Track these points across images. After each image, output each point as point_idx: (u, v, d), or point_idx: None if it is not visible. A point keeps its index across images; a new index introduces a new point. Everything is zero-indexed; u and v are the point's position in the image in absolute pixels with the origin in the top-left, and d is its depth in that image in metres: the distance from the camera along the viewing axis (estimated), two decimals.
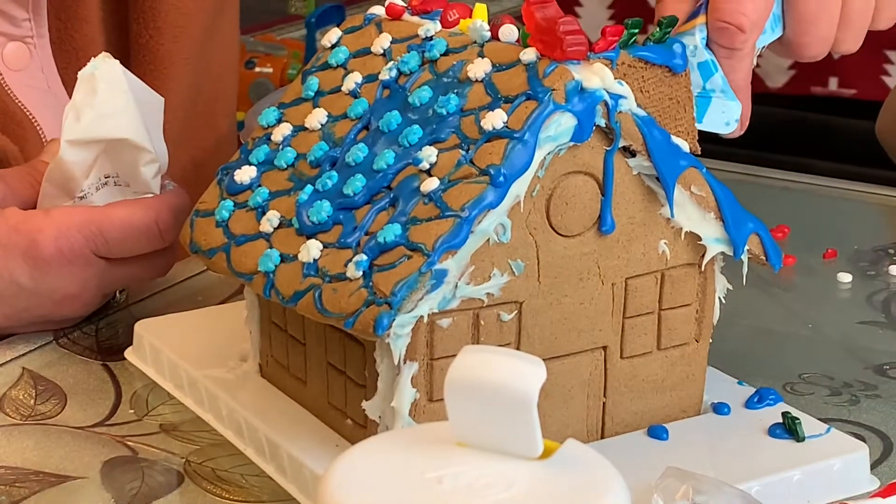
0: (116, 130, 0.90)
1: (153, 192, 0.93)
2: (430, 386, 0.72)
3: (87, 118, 0.90)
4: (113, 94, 0.90)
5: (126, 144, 0.90)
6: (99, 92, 0.90)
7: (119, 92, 0.90)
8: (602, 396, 0.77)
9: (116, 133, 0.90)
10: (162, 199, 0.92)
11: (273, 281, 0.74)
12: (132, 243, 0.91)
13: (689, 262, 0.78)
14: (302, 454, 0.75)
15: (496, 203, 0.69)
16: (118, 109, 0.90)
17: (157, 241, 0.91)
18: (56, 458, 0.80)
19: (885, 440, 0.82)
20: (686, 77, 0.78)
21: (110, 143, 0.90)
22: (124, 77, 0.91)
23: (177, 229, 0.91)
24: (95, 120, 0.90)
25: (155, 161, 0.92)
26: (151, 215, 0.91)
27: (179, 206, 0.92)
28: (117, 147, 0.91)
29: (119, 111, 0.90)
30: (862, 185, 1.29)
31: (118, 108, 0.90)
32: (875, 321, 0.99)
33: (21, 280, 0.89)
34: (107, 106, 0.90)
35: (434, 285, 0.69)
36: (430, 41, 0.78)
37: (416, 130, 0.74)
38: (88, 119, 0.90)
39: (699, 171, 0.75)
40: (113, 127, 0.90)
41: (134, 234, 0.90)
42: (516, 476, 0.53)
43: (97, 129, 0.90)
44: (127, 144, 0.90)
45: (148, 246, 0.91)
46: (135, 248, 0.91)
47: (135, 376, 0.88)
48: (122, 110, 0.90)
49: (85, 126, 0.90)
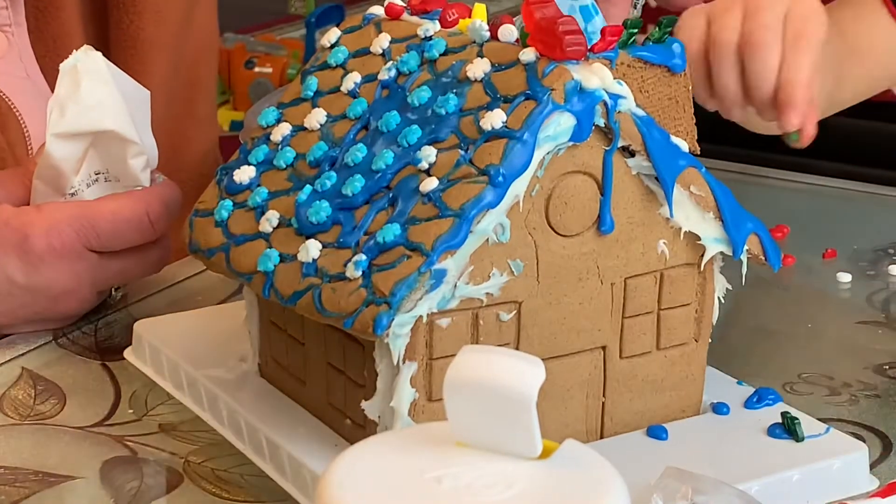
0: (101, 122, 0.90)
1: (143, 186, 0.93)
2: (429, 386, 0.72)
3: (71, 111, 0.89)
4: (96, 86, 0.90)
5: (112, 136, 0.90)
6: (82, 84, 0.89)
7: (102, 83, 0.90)
8: (601, 396, 0.77)
9: (102, 125, 0.90)
10: (151, 190, 0.92)
11: (272, 281, 0.74)
12: (123, 235, 0.91)
13: (689, 262, 0.78)
14: (301, 454, 0.75)
15: (495, 203, 0.69)
16: (102, 101, 0.90)
17: (149, 233, 0.91)
18: (55, 457, 0.80)
19: (884, 440, 0.82)
20: (685, 77, 0.78)
21: (97, 136, 0.90)
22: (107, 69, 0.91)
23: (168, 220, 0.92)
24: (80, 112, 0.89)
25: (143, 153, 0.92)
26: (142, 207, 0.91)
27: (169, 197, 0.92)
28: (104, 140, 0.91)
29: (103, 103, 0.90)
30: (862, 185, 1.29)
31: (102, 99, 0.90)
32: (875, 321, 0.99)
33: (14, 276, 0.89)
34: (91, 98, 0.89)
35: (433, 285, 0.69)
36: (430, 41, 0.78)
37: (415, 130, 0.73)
38: (73, 112, 0.89)
39: (698, 170, 0.75)
40: (98, 118, 0.90)
41: (125, 226, 0.90)
42: (515, 476, 0.53)
43: (82, 121, 0.89)
44: (113, 136, 0.90)
45: (140, 238, 0.91)
46: (126, 241, 0.91)
47: (134, 376, 0.88)
48: (106, 102, 0.90)
49: (70, 119, 0.89)
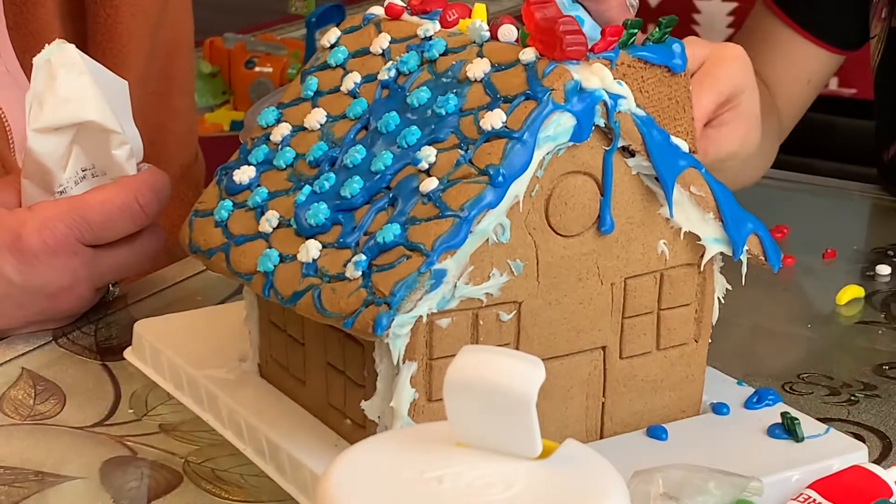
0: (81, 113, 0.89)
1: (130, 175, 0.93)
2: (429, 386, 0.72)
3: (49, 105, 0.89)
4: (73, 78, 0.89)
5: (94, 128, 0.90)
6: (58, 78, 0.89)
7: (78, 75, 0.90)
8: (601, 396, 0.77)
9: (81, 116, 0.89)
10: (138, 177, 0.92)
11: (272, 281, 0.74)
12: (115, 224, 0.91)
13: (689, 262, 0.78)
14: (301, 454, 0.75)
15: (495, 203, 0.69)
16: (80, 93, 0.89)
17: (140, 219, 0.91)
18: (55, 458, 0.80)
19: (884, 440, 0.82)
20: (685, 77, 0.78)
21: (79, 129, 0.90)
22: (82, 60, 0.90)
23: (158, 206, 0.92)
24: (58, 105, 0.89)
25: (126, 143, 0.92)
26: (130, 193, 0.91)
27: (157, 183, 0.92)
28: (87, 133, 0.90)
29: (81, 94, 0.90)
30: (862, 185, 1.29)
31: (80, 91, 0.89)
32: (875, 321, 0.99)
33: (10, 276, 0.89)
34: (68, 90, 0.89)
35: (433, 285, 0.69)
36: (430, 41, 0.78)
37: (415, 131, 0.73)
38: (51, 105, 0.89)
39: (698, 170, 0.75)
40: (77, 110, 0.89)
41: (116, 215, 0.90)
42: (515, 476, 0.53)
43: (61, 114, 0.89)
44: (95, 127, 0.90)
45: (132, 225, 0.91)
46: (119, 230, 0.91)
47: (134, 376, 0.88)
48: (84, 93, 0.90)
49: (48, 113, 0.89)
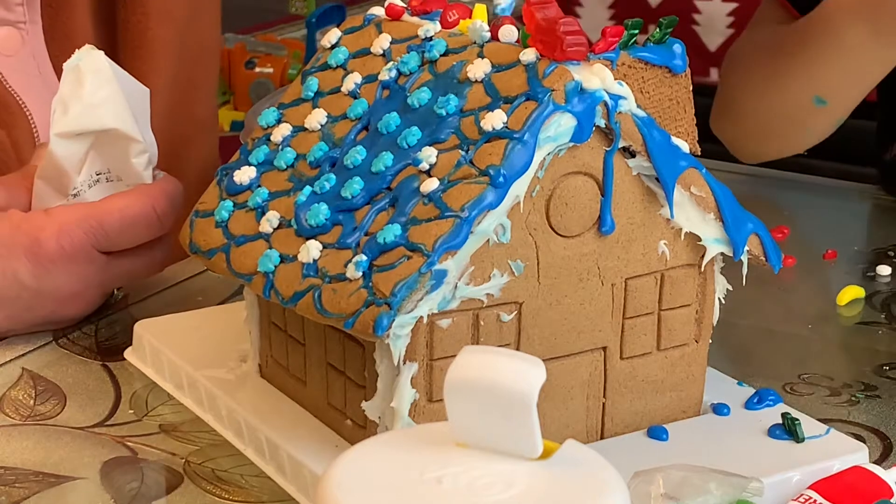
0: (105, 121, 0.90)
1: (146, 183, 0.93)
2: (429, 386, 0.72)
3: (74, 110, 0.89)
4: (99, 85, 0.90)
5: (115, 135, 0.90)
6: (86, 83, 0.89)
7: (105, 82, 0.90)
8: (602, 397, 0.77)
9: (105, 123, 0.90)
10: (155, 186, 0.93)
11: (273, 281, 0.74)
12: (132, 232, 0.91)
13: (689, 263, 0.78)
14: (301, 454, 0.75)
15: (496, 203, 0.69)
16: (105, 100, 0.90)
17: (156, 228, 0.92)
18: (55, 458, 0.80)
19: (884, 441, 0.82)
20: (686, 78, 0.78)
21: (100, 135, 0.90)
22: (110, 67, 0.91)
23: (173, 215, 0.92)
24: (83, 111, 0.89)
25: (145, 151, 0.92)
26: (148, 202, 0.91)
27: (173, 191, 0.93)
28: (107, 139, 0.91)
29: (106, 101, 0.90)
30: (862, 186, 1.29)
31: (105, 98, 0.90)
32: (875, 322, 0.99)
33: (24, 279, 0.89)
34: (94, 97, 0.89)
35: (434, 286, 0.69)
36: (430, 42, 0.78)
37: (416, 132, 0.73)
38: (76, 111, 0.89)
39: (699, 171, 0.75)
40: (101, 117, 0.90)
41: (133, 223, 0.90)
42: (516, 476, 0.53)
43: (85, 120, 0.89)
44: (116, 135, 0.90)
45: (148, 234, 0.92)
46: (135, 238, 0.91)
47: (134, 376, 0.88)
48: (109, 100, 0.90)
49: (73, 118, 0.89)
